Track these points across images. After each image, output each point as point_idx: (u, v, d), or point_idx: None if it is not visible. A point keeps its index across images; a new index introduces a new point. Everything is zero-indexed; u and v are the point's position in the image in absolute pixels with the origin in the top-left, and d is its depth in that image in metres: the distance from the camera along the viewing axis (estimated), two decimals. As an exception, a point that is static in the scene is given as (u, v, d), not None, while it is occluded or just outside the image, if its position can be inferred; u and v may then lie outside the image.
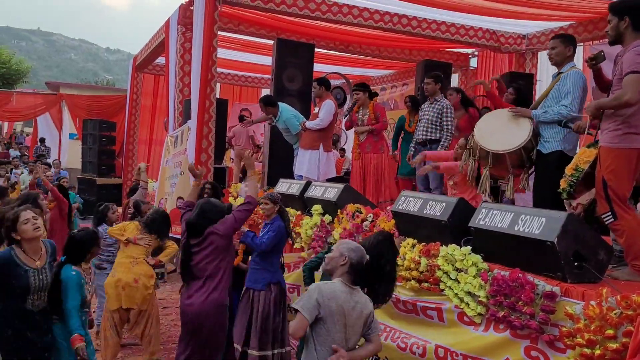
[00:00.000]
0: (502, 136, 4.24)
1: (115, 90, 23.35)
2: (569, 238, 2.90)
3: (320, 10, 8.14)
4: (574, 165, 3.52)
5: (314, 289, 2.80)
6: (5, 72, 27.99)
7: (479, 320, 3.24)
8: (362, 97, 6.60)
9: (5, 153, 17.77)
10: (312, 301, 2.73)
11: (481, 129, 4.41)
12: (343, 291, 2.82)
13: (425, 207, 3.88)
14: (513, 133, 4.20)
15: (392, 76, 13.34)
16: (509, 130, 4.25)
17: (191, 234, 3.81)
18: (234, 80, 14.50)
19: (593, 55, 3.77)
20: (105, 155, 13.79)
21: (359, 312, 2.84)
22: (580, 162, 3.49)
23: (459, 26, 9.00)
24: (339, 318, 2.78)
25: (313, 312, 2.72)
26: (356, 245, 2.99)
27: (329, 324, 2.76)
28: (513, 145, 4.14)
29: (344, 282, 2.86)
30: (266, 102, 7.10)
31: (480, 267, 3.28)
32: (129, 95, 13.58)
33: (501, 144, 4.21)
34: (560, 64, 4.16)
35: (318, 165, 6.57)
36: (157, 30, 10.67)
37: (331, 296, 2.77)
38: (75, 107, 16.46)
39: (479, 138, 4.32)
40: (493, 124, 4.40)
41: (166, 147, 8.90)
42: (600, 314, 2.45)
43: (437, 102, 6.18)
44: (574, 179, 3.49)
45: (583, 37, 8.16)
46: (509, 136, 4.20)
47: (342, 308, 2.78)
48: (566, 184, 3.54)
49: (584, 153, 3.52)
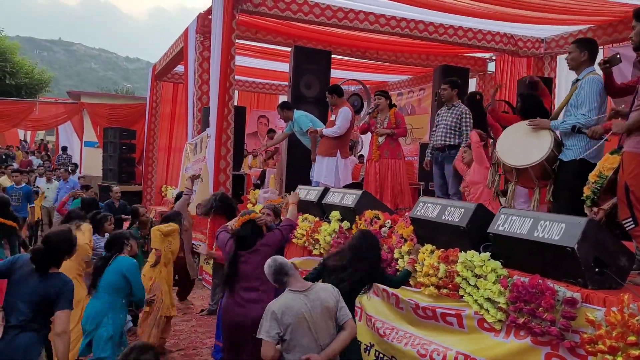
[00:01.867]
0: (523, 150, 4.20)
1: (134, 99, 23.69)
2: (589, 244, 2.88)
3: (337, 18, 8.19)
4: (598, 172, 3.48)
5: (267, 312, 2.97)
6: (28, 82, 28.50)
7: (499, 326, 3.23)
8: (383, 102, 6.63)
9: (27, 162, 18.09)
10: (268, 323, 2.90)
11: (503, 144, 4.38)
12: (294, 298, 2.97)
13: (444, 213, 3.87)
14: (534, 146, 4.17)
15: (409, 81, 13.33)
16: (530, 143, 4.21)
17: (242, 246, 3.98)
18: (252, 88, 14.63)
19: (607, 58, 3.73)
20: (125, 163, 13.97)
21: (322, 308, 2.97)
22: (604, 169, 3.45)
23: (476, 31, 8.98)
24: (300, 323, 2.90)
25: (275, 332, 2.89)
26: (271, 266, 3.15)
27: (292, 333, 2.90)
28: (534, 160, 4.10)
29: (291, 290, 3.02)
30: (282, 106, 7.30)
31: (499, 274, 3.27)
32: (149, 104, 13.78)
33: (523, 159, 4.17)
34: (577, 69, 4.13)
35: (336, 172, 6.59)
36: (176, 39, 10.83)
37: (284, 309, 2.92)
38: (96, 116, 16.74)
39: (501, 154, 4.30)
40: (513, 138, 4.37)
41: (185, 155, 9.01)
42: (622, 320, 2.43)
43: (455, 108, 6.15)
44: (598, 186, 3.45)
45: (602, 40, 8.08)
46: (530, 150, 4.17)
47: (299, 314, 2.91)
48: (590, 191, 3.50)
49: (608, 159, 3.48)
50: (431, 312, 3.76)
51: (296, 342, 2.92)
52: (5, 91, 25.99)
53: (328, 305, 3.00)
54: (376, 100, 6.73)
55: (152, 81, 13.60)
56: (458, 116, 6.07)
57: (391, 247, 4.34)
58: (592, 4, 7.02)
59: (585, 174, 3.61)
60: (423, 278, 3.83)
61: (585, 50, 4.09)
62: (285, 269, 3.12)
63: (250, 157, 12.79)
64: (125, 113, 16.67)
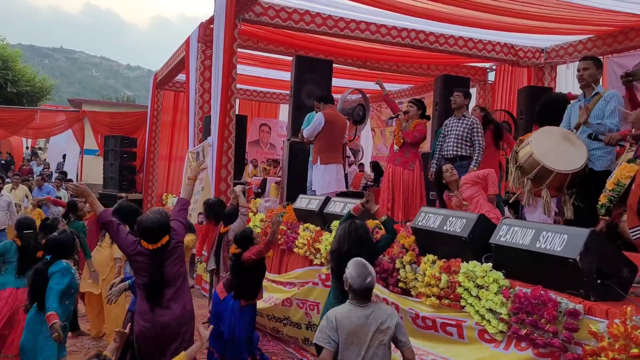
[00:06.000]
0: (563, 156, 4.14)
1: (135, 107, 23.70)
2: (591, 255, 2.88)
3: (338, 27, 8.24)
4: (616, 180, 3.48)
5: (325, 319, 2.94)
6: (30, 89, 28.54)
7: (501, 337, 3.22)
8: (414, 111, 6.50)
9: (28, 169, 18.10)
10: (327, 330, 2.87)
11: (539, 147, 4.24)
12: (352, 310, 2.93)
13: (446, 224, 3.87)
14: (572, 152, 4.13)
15: (409, 90, 13.38)
16: (567, 149, 4.16)
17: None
18: (253, 96, 14.68)
19: (630, 71, 3.75)
20: (126, 171, 13.98)
21: (376, 326, 2.91)
22: (622, 177, 3.44)
23: (477, 41, 9.03)
24: (351, 338, 2.86)
25: (332, 339, 2.85)
26: (358, 269, 2.97)
27: (341, 345, 2.87)
28: (577, 165, 4.07)
29: (351, 303, 2.97)
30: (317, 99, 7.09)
31: (501, 284, 3.27)
32: (150, 112, 13.82)
33: (565, 164, 4.11)
34: (590, 86, 4.15)
35: (318, 179, 6.63)
36: (178, 47, 10.87)
37: (342, 319, 2.89)
38: (97, 124, 16.73)
39: (541, 157, 4.16)
40: (549, 142, 4.28)
41: (188, 163, 9.01)
42: (624, 332, 2.42)
43: (466, 118, 6.09)
44: (615, 194, 3.44)
45: (602, 50, 8.13)
46: (570, 155, 4.12)
47: (355, 327, 2.88)
48: (606, 199, 3.49)
49: (625, 168, 3.48)
50: (431, 321, 3.74)
51: (342, 356, 2.87)
52: (6, 99, 26.04)
53: (384, 323, 2.92)
54: (407, 107, 6.68)
55: (154, 89, 13.65)
56: (469, 127, 6.01)
57: (392, 257, 4.33)
58: (593, 14, 7.04)
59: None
60: (424, 288, 3.82)
61: (600, 68, 4.16)
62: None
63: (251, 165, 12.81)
64: (126, 121, 16.68)
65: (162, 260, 3.63)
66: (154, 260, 3.61)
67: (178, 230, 3.80)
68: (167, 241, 3.66)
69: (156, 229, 3.63)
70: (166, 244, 3.65)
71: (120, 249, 3.85)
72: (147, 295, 3.62)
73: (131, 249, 3.63)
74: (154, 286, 3.61)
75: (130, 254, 3.64)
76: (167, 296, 3.63)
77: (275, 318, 5.60)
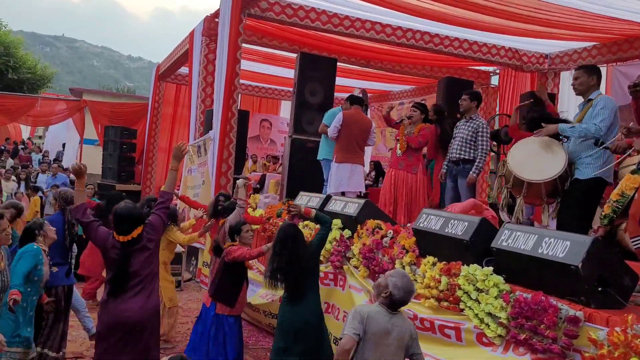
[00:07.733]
0: (537, 165, 4.19)
1: (136, 98, 23.64)
2: (593, 262, 2.88)
3: (343, 26, 8.22)
4: (620, 192, 3.50)
5: (356, 312, 3.03)
6: (30, 77, 28.44)
7: (499, 341, 3.23)
8: (417, 115, 6.54)
9: (27, 157, 18.05)
10: (355, 322, 2.96)
11: (515, 157, 4.34)
12: (381, 312, 3.05)
13: (447, 226, 3.87)
14: (548, 162, 4.16)
15: (411, 91, 13.38)
16: (544, 158, 4.20)
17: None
18: (255, 92, 14.64)
19: (638, 82, 3.75)
20: (125, 162, 13.96)
21: (398, 334, 3.03)
22: (627, 189, 3.47)
23: (481, 44, 9.02)
24: (374, 339, 2.96)
25: (358, 332, 2.94)
26: (405, 283, 3.11)
27: (364, 342, 2.96)
28: (550, 175, 4.10)
29: (382, 307, 3.08)
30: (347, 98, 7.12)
31: (502, 289, 3.27)
32: (151, 104, 13.79)
33: (537, 174, 4.15)
34: (585, 93, 4.15)
35: (333, 176, 6.60)
36: (182, 40, 10.84)
37: (371, 317, 2.99)
38: (97, 114, 16.69)
39: (514, 167, 4.25)
40: (526, 152, 4.34)
41: (189, 157, 8.99)
42: (624, 340, 2.43)
43: (473, 121, 6.02)
44: (620, 205, 3.46)
45: (607, 58, 8.13)
46: (545, 165, 4.16)
47: (380, 329, 2.99)
48: (610, 209, 3.51)
49: (629, 179, 3.50)
50: (429, 323, 3.74)
51: (361, 356, 2.97)
52: (7, 85, 25.96)
53: (404, 335, 3.08)
54: (411, 112, 6.68)
55: (155, 81, 13.62)
56: (474, 130, 5.95)
57: (392, 258, 4.34)
58: (597, 20, 7.04)
59: (598, 193, 3.62)
60: (424, 290, 3.83)
61: (594, 75, 4.15)
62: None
63: (250, 161, 12.79)
64: (127, 112, 16.65)
65: (130, 253, 3.64)
66: (123, 251, 3.62)
67: (155, 226, 3.80)
68: (139, 234, 3.66)
69: (126, 217, 3.65)
70: (138, 238, 3.65)
71: (94, 244, 3.87)
72: (111, 288, 3.66)
73: (106, 242, 3.67)
74: (117, 278, 3.63)
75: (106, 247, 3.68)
76: (132, 291, 3.64)
77: (272, 314, 5.60)
